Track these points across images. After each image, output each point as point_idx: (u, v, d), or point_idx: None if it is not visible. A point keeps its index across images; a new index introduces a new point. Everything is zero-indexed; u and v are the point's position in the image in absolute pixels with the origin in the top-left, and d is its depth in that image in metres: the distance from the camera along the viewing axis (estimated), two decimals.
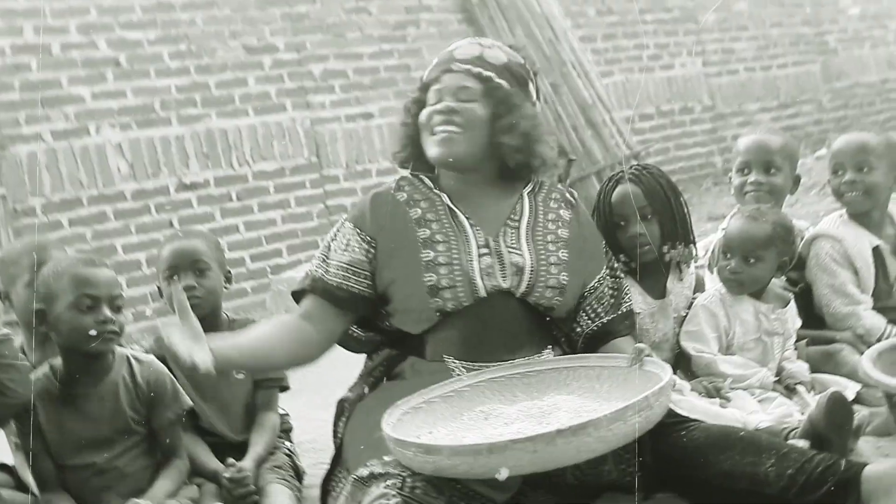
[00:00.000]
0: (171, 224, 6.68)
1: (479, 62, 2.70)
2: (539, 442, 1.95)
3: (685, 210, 3.05)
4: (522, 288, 2.62)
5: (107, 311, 2.70)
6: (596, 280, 2.75)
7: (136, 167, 6.62)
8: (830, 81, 11.51)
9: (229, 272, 3.17)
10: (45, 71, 6.34)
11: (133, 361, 2.85)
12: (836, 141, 3.52)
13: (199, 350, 2.34)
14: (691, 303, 3.09)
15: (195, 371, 2.35)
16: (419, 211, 2.69)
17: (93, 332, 2.68)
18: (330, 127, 7.62)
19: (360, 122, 7.73)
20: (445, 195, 2.73)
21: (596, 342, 2.74)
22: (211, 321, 3.12)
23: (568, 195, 2.85)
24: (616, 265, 2.85)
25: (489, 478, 2.10)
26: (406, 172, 2.85)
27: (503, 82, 2.70)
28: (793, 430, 2.63)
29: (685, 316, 3.07)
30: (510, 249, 2.66)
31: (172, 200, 6.76)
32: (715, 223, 3.12)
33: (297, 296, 2.73)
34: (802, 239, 3.42)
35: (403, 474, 2.18)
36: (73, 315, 2.69)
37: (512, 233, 2.70)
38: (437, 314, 2.58)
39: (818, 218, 6.26)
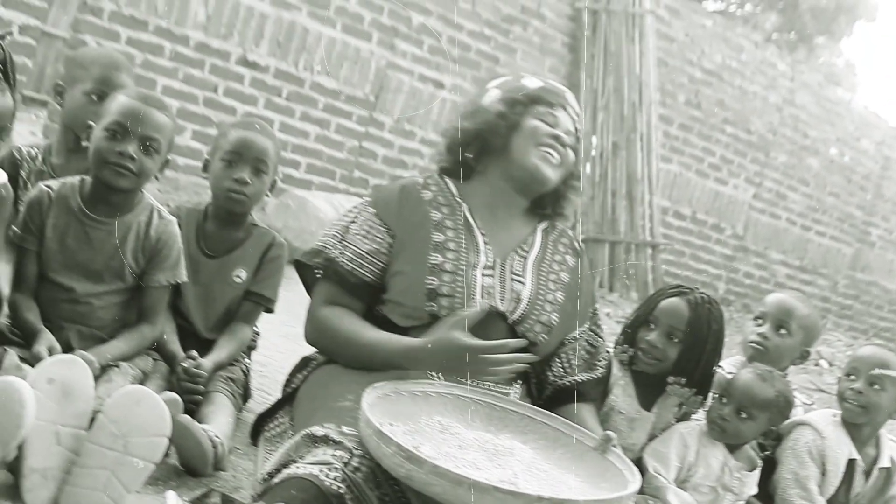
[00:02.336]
0: (215, 90, 6.62)
1: (578, 117, 2.87)
2: (520, 499, 1.94)
3: (713, 364, 3.01)
4: (516, 315, 2.66)
5: (131, 147, 2.64)
6: (577, 332, 2.82)
7: (213, 22, 6.55)
8: (855, 269, 11.59)
9: (276, 182, 3.13)
10: None
11: (155, 214, 2.81)
12: (862, 347, 3.55)
13: None
14: (670, 425, 3.09)
15: None
16: (439, 215, 2.73)
17: (108, 160, 2.65)
18: (400, 77, 7.58)
19: (429, 86, 7.70)
20: (466, 206, 2.77)
21: (565, 396, 2.78)
22: (238, 221, 3.10)
23: (576, 244, 2.94)
24: (598, 328, 2.90)
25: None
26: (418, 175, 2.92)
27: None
28: None
29: (658, 435, 3.08)
30: (514, 276, 2.70)
31: (228, 69, 6.69)
32: None
33: (301, 267, 2.74)
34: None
35: (355, 451, 2.16)
36: (100, 136, 2.66)
37: (519, 261, 2.75)
38: (430, 317, 2.60)
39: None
